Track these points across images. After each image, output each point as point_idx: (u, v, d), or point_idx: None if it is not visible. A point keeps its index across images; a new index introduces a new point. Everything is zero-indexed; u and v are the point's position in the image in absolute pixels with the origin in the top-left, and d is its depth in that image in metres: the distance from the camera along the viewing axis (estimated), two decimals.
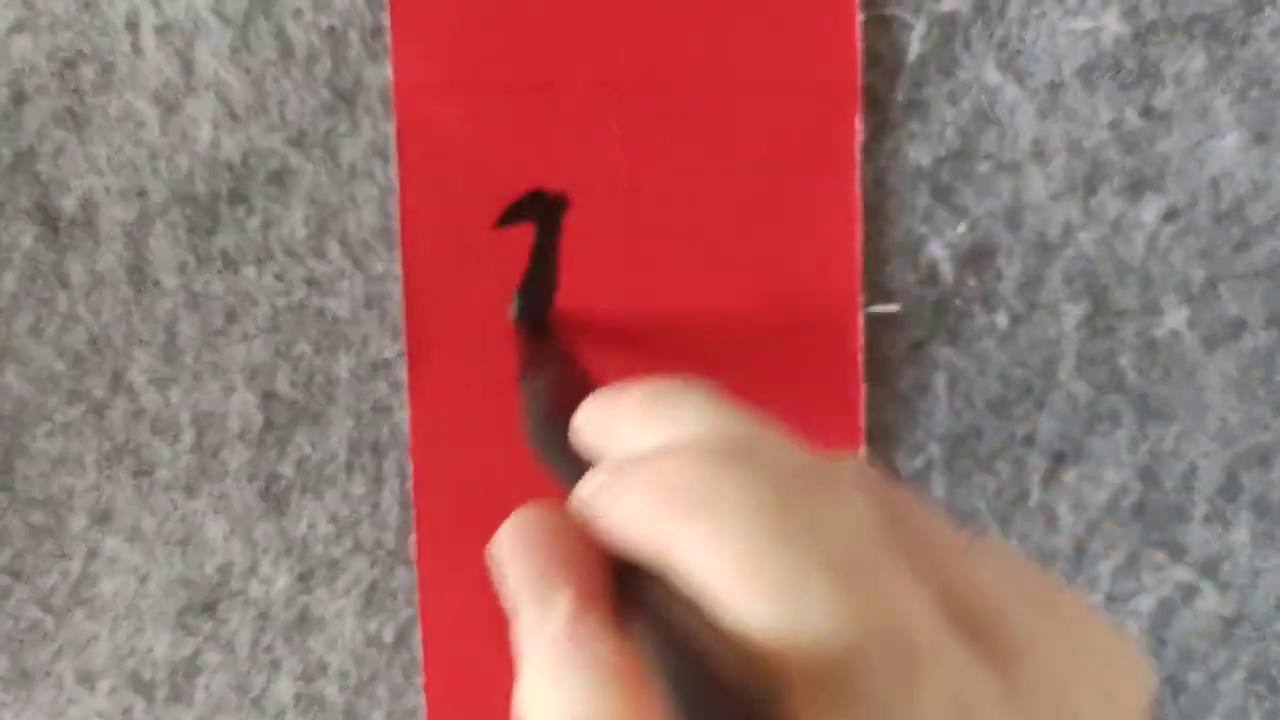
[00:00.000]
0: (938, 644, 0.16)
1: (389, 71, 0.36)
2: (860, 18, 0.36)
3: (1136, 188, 0.37)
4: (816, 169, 0.36)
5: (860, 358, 0.37)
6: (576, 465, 0.22)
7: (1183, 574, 0.39)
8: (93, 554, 0.39)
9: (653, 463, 0.18)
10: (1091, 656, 0.17)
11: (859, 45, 0.36)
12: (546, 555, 0.19)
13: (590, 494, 0.19)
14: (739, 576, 0.16)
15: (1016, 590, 0.18)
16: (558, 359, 0.33)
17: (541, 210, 0.36)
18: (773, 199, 0.36)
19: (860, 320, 0.37)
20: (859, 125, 0.36)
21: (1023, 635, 0.17)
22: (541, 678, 0.18)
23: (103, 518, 0.39)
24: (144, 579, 0.39)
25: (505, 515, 0.37)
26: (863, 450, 0.37)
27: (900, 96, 0.37)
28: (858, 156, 0.36)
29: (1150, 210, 0.37)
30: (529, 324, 0.37)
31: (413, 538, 0.38)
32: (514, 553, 0.19)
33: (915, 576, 0.17)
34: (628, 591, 0.18)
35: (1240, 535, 0.38)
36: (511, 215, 0.36)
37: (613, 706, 0.18)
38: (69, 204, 0.37)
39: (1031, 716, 0.16)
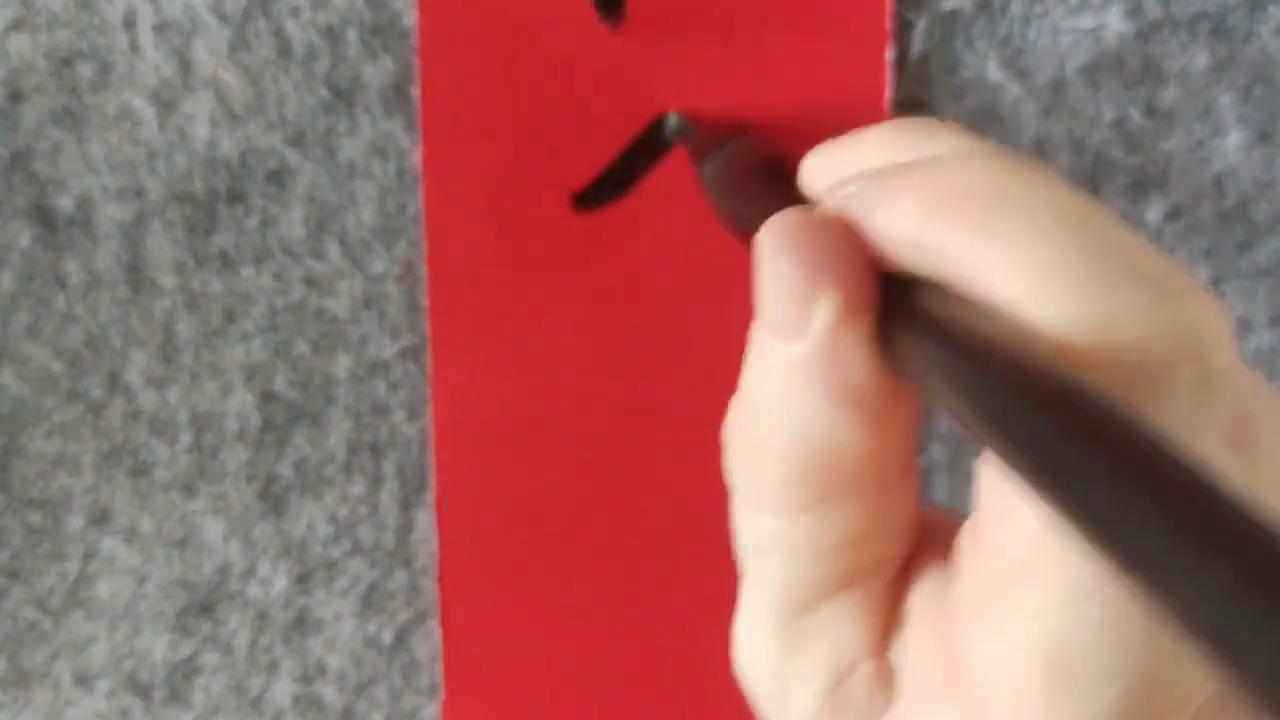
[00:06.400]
0: (1232, 369, 0.16)
1: (388, 69, 0.36)
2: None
3: (1140, 186, 0.37)
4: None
5: None
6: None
7: None
8: (90, 555, 0.39)
9: (930, 166, 0.17)
10: None
11: (889, 54, 0.36)
12: (815, 255, 0.17)
13: (855, 194, 0.17)
14: (1042, 281, 0.15)
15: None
16: (736, 138, 0.31)
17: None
18: None
19: None
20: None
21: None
22: (781, 392, 0.17)
23: (100, 518, 0.39)
24: (142, 580, 0.39)
25: (529, 507, 0.37)
26: None
27: (902, 95, 0.37)
28: None
29: (1154, 209, 0.38)
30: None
31: (412, 537, 0.38)
32: (778, 248, 0.17)
33: (1218, 307, 0.16)
34: (892, 306, 0.17)
35: None
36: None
37: (855, 434, 0.17)
38: (66, 203, 0.37)
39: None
